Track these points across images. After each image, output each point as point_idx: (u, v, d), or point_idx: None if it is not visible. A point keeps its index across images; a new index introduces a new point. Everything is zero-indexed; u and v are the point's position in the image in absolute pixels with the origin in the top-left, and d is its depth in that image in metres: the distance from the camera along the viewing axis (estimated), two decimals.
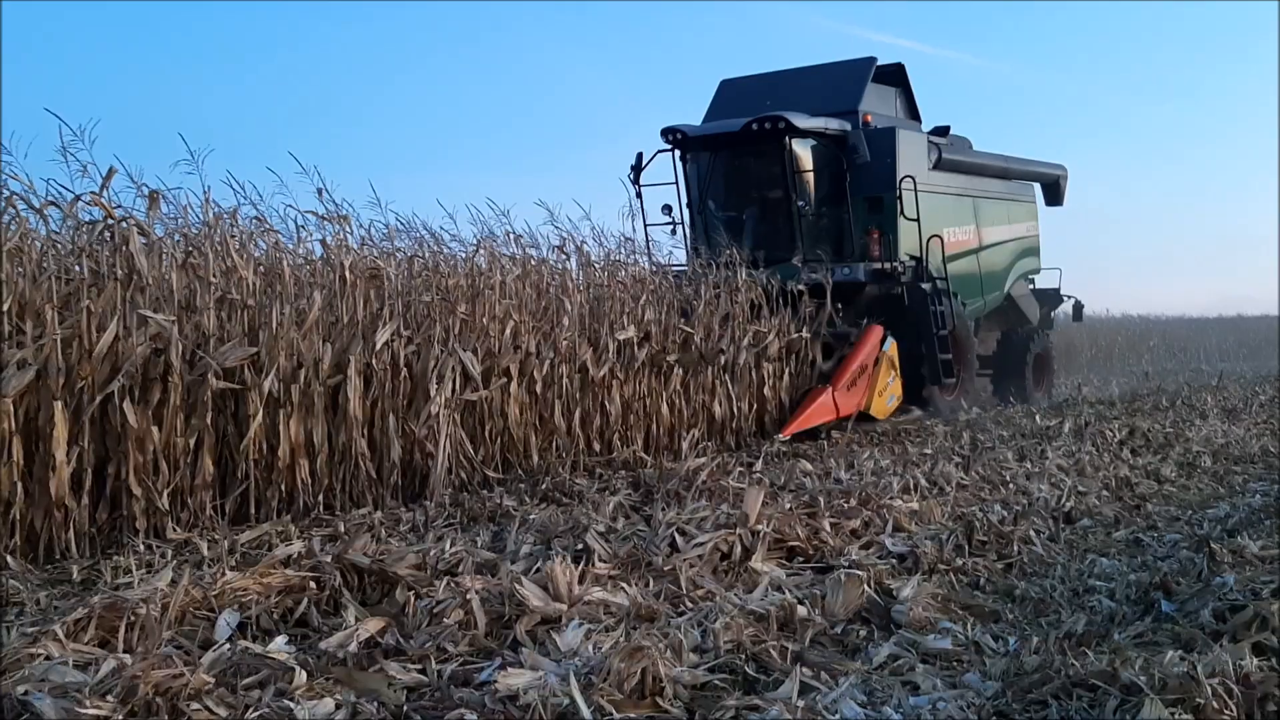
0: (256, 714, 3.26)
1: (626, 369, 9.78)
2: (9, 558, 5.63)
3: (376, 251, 8.32)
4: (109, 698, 3.18)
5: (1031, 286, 17.74)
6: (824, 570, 5.26)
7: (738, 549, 5.43)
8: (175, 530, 6.31)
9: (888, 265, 13.31)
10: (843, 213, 13.50)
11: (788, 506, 6.35)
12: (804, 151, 13.27)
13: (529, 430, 8.83)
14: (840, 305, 12.37)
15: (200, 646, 3.86)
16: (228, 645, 3.80)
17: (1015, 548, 5.86)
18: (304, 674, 3.54)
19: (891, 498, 6.87)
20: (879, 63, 14.40)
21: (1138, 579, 5.02)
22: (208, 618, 4.19)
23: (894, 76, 14.88)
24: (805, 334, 11.75)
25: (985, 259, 15.65)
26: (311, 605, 4.46)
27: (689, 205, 13.87)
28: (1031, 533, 6.15)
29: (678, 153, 13.72)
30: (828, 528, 5.98)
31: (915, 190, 13.28)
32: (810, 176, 13.42)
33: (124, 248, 6.47)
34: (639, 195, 13.63)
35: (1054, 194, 18.28)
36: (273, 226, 7.71)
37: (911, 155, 13.83)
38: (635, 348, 9.85)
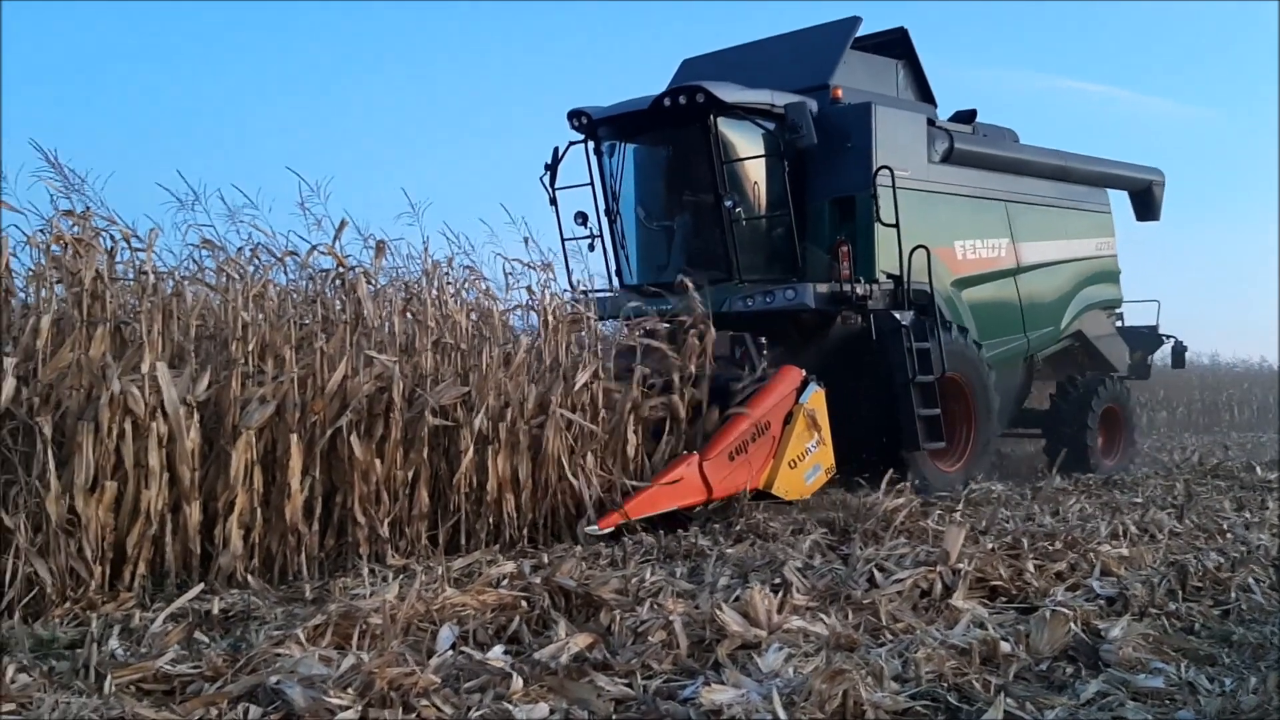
0: (479, 713, 3.50)
1: None
2: (249, 576, 6.14)
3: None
4: (349, 690, 3.48)
5: (1118, 324, 14.12)
6: (1027, 610, 5.18)
7: (938, 586, 5.41)
8: (394, 557, 6.72)
9: (847, 287, 9.99)
10: (790, 215, 10.36)
11: (990, 548, 6.26)
12: (741, 135, 10.26)
13: None
14: (766, 339, 9.42)
15: (425, 655, 4.14)
16: (450, 652, 4.09)
17: (1233, 594, 5.60)
18: (520, 680, 3.77)
19: (1099, 542, 6.67)
20: (884, 28, 11.44)
21: None
22: (430, 630, 4.49)
23: (894, 47, 11.58)
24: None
25: (1028, 283, 12.21)
26: (522, 623, 4.72)
27: (606, 211, 11.10)
28: (1250, 580, 5.85)
29: (591, 145, 10.97)
30: (1031, 569, 5.87)
31: (894, 186, 10.05)
32: (751, 168, 10.43)
33: (353, 294, 7.03)
34: (553, 201, 10.97)
35: (1146, 205, 14.31)
36: (483, 275, 8.20)
37: (897, 141, 10.59)
38: None
